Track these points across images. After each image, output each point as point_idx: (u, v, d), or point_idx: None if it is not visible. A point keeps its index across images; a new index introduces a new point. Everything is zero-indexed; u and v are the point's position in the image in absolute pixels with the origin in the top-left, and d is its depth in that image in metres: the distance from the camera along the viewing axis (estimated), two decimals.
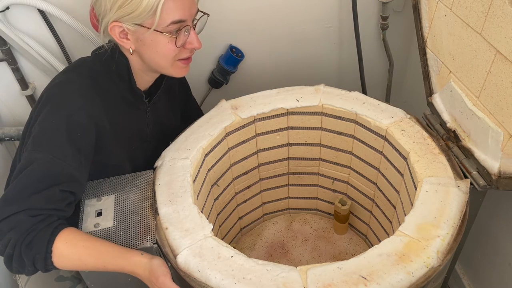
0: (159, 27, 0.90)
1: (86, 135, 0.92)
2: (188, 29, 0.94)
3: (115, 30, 0.91)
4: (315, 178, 1.35)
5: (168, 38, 0.92)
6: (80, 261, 0.84)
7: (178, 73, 1.01)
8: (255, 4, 1.37)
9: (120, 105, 1.01)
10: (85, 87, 0.94)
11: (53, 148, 0.86)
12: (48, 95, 0.93)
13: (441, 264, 0.80)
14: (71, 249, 0.83)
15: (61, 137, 0.87)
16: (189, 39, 0.95)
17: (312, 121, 1.20)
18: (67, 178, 0.86)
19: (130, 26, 0.90)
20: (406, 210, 1.03)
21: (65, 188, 0.86)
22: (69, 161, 0.87)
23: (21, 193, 0.82)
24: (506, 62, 0.80)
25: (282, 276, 0.79)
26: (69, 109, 0.90)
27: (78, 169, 0.89)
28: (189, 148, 1.07)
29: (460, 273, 1.41)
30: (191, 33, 0.95)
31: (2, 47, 1.26)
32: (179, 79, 1.20)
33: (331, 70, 1.59)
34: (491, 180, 0.91)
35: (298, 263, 1.31)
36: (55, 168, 0.85)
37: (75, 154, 0.88)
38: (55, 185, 0.84)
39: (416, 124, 1.08)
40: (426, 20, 1.06)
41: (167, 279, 0.83)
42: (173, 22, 0.90)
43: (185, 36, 0.94)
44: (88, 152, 0.92)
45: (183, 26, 0.92)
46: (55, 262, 0.83)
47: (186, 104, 1.27)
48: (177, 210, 0.93)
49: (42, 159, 0.85)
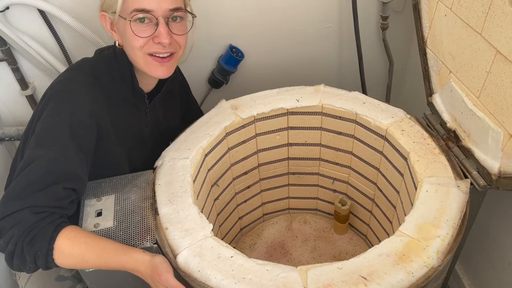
0: (123, 13, 0.90)
1: (88, 133, 0.92)
2: (156, 22, 0.91)
3: (105, 21, 0.94)
4: (315, 178, 1.35)
5: (133, 26, 0.91)
6: (82, 258, 0.84)
7: (153, 71, 0.97)
8: (255, 4, 1.37)
9: (121, 105, 1.01)
10: (88, 86, 0.95)
11: (56, 146, 0.87)
12: (52, 93, 0.93)
13: (441, 264, 0.80)
14: (72, 246, 0.83)
15: (64, 135, 0.88)
16: (156, 32, 0.92)
17: (312, 121, 1.20)
18: (69, 175, 0.87)
19: (111, 15, 0.92)
20: (406, 210, 1.02)
21: (68, 186, 0.86)
22: (72, 159, 0.87)
23: (24, 190, 0.82)
24: (506, 62, 0.80)
25: (282, 276, 0.79)
26: (72, 107, 0.91)
27: (80, 166, 0.89)
28: (189, 148, 1.07)
29: (460, 273, 1.41)
30: (160, 27, 0.91)
31: (2, 47, 1.26)
32: (178, 80, 1.20)
33: (331, 70, 1.59)
34: (491, 180, 0.91)
35: (298, 263, 1.31)
36: (58, 166, 0.85)
37: (77, 152, 0.89)
38: (58, 182, 0.85)
39: (416, 124, 1.08)
40: (426, 20, 1.06)
41: (170, 276, 0.82)
42: (136, 9, 0.89)
43: (152, 28, 0.92)
44: (89, 150, 0.93)
45: (148, 16, 0.90)
46: (56, 259, 0.83)
47: (186, 104, 1.27)
48: (177, 210, 0.93)
49: (45, 156, 0.85)
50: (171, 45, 0.94)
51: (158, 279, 0.83)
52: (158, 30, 0.92)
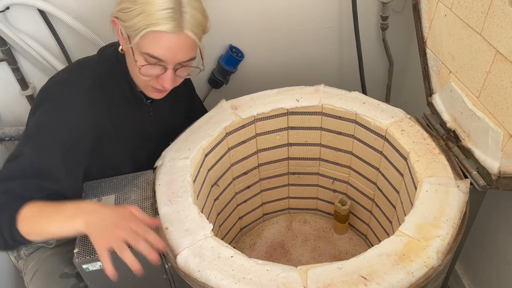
0: (136, 50, 0.90)
1: (80, 137, 0.92)
2: (164, 68, 0.91)
3: (116, 25, 0.93)
4: (315, 178, 1.36)
5: (142, 62, 0.91)
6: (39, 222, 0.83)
7: (148, 94, 0.99)
8: (255, 4, 1.37)
9: (123, 105, 1.01)
10: (86, 89, 0.95)
11: (42, 147, 0.89)
12: (48, 92, 0.94)
13: (441, 264, 0.80)
14: (32, 211, 0.84)
15: (52, 137, 0.89)
16: (163, 75, 0.92)
17: (312, 121, 1.20)
18: (47, 176, 0.88)
19: (123, 30, 0.91)
20: (406, 210, 1.03)
21: (44, 185, 0.87)
22: (55, 162, 0.89)
23: (3, 178, 0.86)
24: (506, 62, 0.80)
25: (282, 276, 0.79)
26: (66, 111, 0.91)
27: (61, 169, 0.90)
28: (189, 148, 1.07)
29: (460, 273, 1.41)
30: (167, 73, 0.92)
31: (2, 47, 1.26)
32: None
33: (331, 70, 1.59)
34: (491, 180, 0.91)
35: (298, 263, 1.31)
36: (39, 165, 0.88)
37: (64, 156, 0.90)
38: (37, 179, 0.87)
39: (416, 124, 1.08)
40: (426, 20, 1.06)
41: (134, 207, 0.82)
42: (149, 54, 0.88)
43: (159, 70, 0.92)
44: (80, 154, 0.94)
45: (159, 63, 0.90)
46: (19, 228, 0.83)
47: (191, 103, 1.27)
48: (177, 210, 0.93)
49: (29, 154, 0.87)
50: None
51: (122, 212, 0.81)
52: (164, 74, 0.92)
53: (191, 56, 0.93)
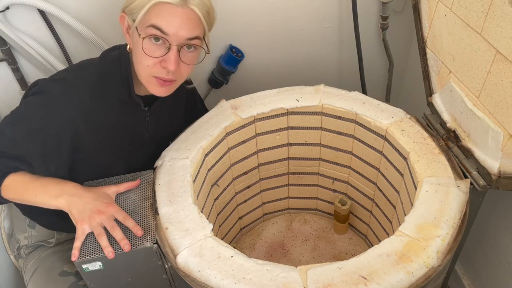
0: (141, 26, 0.90)
1: (61, 132, 0.95)
2: (168, 46, 0.90)
3: (124, 23, 0.95)
4: (315, 178, 1.36)
5: (146, 43, 0.90)
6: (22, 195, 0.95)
7: (152, 89, 0.97)
8: (255, 4, 1.37)
9: (117, 108, 1.01)
10: (78, 89, 0.96)
11: (22, 134, 0.94)
12: (46, 85, 0.97)
13: (441, 264, 0.80)
14: (16, 179, 0.95)
15: (33, 126, 0.94)
16: (166, 56, 0.90)
17: (312, 121, 1.20)
18: (22, 160, 0.95)
19: (129, 21, 0.92)
20: (406, 210, 1.03)
21: (21, 167, 0.96)
22: (31, 149, 0.94)
23: None
24: (506, 62, 0.80)
25: (282, 276, 0.79)
26: (54, 105, 0.94)
27: (36, 158, 0.95)
28: (189, 148, 1.07)
29: (460, 273, 1.41)
30: (170, 52, 0.90)
31: (2, 47, 1.26)
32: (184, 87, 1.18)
33: (331, 70, 1.59)
34: (491, 180, 0.91)
35: (298, 263, 1.31)
36: (15, 150, 0.94)
37: (43, 146, 0.94)
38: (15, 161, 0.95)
39: (416, 124, 1.08)
40: (426, 20, 1.06)
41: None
42: (153, 25, 0.88)
43: (163, 50, 0.90)
44: (61, 150, 0.96)
45: (162, 37, 0.89)
46: (3, 195, 0.95)
47: (191, 111, 1.24)
48: (177, 210, 0.93)
49: (7, 136, 0.94)
50: (174, 72, 0.93)
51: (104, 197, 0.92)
52: (168, 55, 0.91)
53: (195, 34, 0.91)
